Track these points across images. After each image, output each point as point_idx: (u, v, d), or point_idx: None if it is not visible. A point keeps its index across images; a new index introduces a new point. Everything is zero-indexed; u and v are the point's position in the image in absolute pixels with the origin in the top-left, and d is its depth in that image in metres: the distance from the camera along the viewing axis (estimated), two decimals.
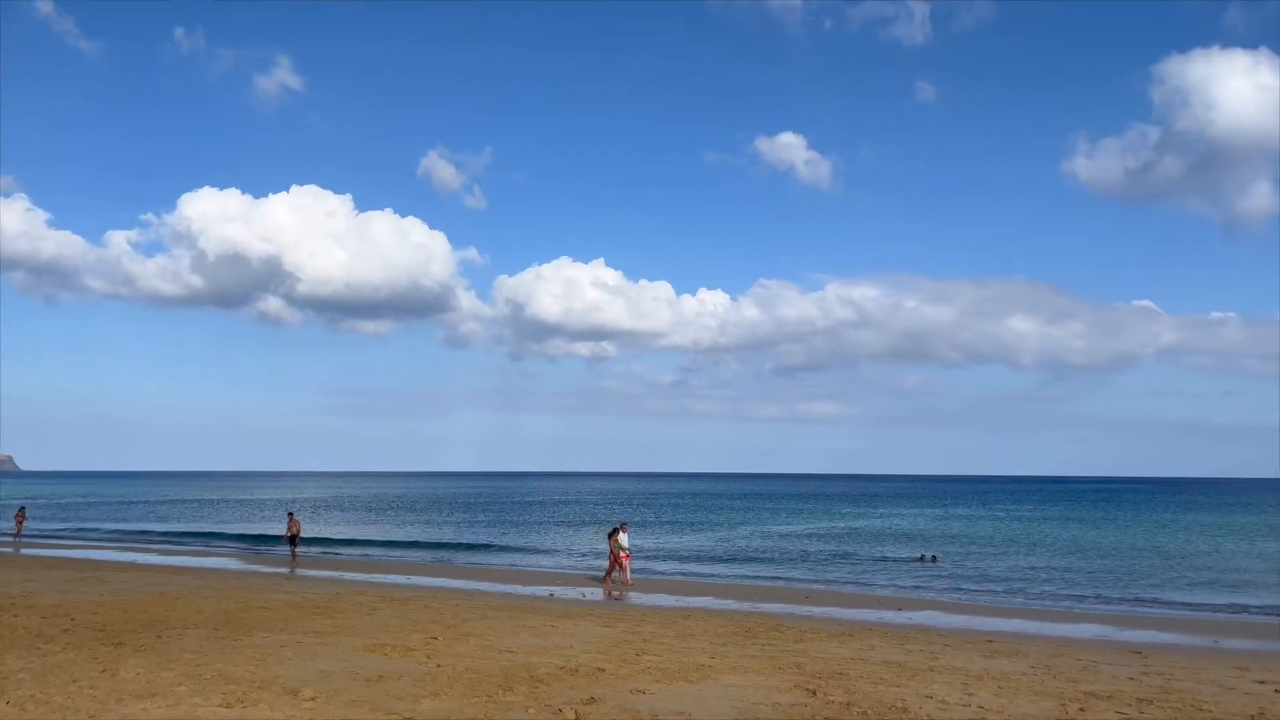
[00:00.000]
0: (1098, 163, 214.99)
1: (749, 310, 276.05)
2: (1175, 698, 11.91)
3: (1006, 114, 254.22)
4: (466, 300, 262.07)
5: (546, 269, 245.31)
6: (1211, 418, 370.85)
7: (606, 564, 29.17)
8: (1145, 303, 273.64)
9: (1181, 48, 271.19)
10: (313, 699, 10.61)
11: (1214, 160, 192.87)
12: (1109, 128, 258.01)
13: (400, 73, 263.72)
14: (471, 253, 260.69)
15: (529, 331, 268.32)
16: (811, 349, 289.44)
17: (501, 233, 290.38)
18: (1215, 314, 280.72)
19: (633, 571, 28.58)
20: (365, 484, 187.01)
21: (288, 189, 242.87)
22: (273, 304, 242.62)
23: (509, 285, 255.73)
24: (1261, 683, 13.25)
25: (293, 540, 35.83)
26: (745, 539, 50.81)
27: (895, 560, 38.59)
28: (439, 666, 12.73)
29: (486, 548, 45.13)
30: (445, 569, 34.06)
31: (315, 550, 41.81)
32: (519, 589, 26.26)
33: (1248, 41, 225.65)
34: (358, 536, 51.47)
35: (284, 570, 31.23)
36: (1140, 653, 16.30)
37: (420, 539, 50.56)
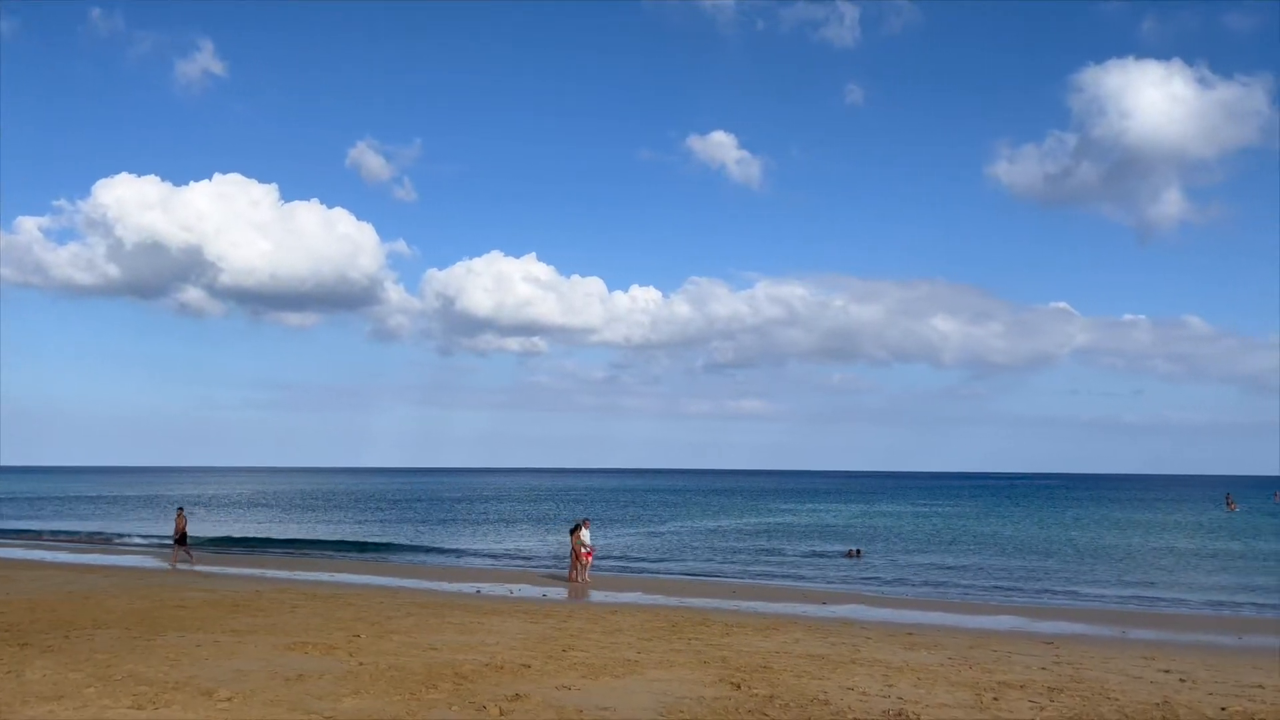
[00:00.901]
0: (1018, 168, 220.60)
1: (680, 307, 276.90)
2: (1084, 686, 12.32)
3: (932, 118, 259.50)
4: (395, 293, 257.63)
5: (477, 263, 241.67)
6: (1122, 416, 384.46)
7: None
8: (1062, 304, 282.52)
9: (1098, 58, 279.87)
10: (229, 699, 10.36)
11: (1128, 168, 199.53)
12: (1029, 134, 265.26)
13: (329, 61, 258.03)
14: (401, 245, 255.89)
15: (459, 326, 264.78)
16: (741, 346, 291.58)
17: (431, 225, 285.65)
18: (1127, 316, 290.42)
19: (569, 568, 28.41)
20: (291, 479, 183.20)
21: (210, 177, 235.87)
22: (194, 295, 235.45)
23: (439, 279, 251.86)
24: (1166, 671, 13.79)
25: (180, 539, 33.22)
26: (674, 535, 51.08)
27: (822, 555, 39.18)
28: (361, 664, 12.55)
29: (413, 546, 44.55)
30: (370, 565, 33.56)
31: (236, 550, 40.79)
32: (445, 586, 26.00)
33: (1161, 53, 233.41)
34: (280, 536, 50.33)
35: (200, 568, 30.41)
36: (1052, 643, 16.82)
37: (347, 538, 49.68)
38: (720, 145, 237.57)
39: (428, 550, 41.56)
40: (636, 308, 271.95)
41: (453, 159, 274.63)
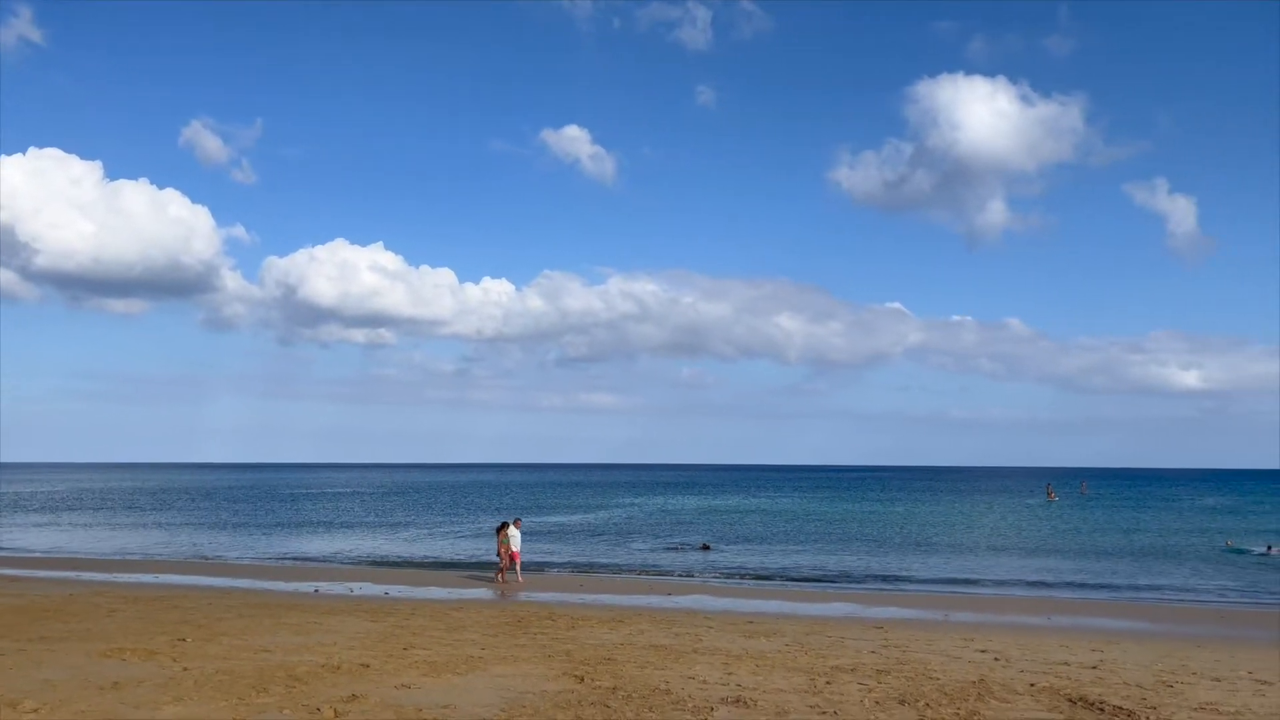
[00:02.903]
0: (859, 173, 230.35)
1: (533, 300, 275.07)
2: (909, 668, 12.98)
3: (779, 122, 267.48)
4: (232, 280, 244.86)
5: (321, 251, 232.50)
6: (949, 411, 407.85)
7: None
8: (896, 305, 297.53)
9: (932, 72, 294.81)
10: (34, 711, 9.62)
11: (958, 177, 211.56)
12: (869, 141, 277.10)
13: (161, 33, 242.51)
14: (239, 230, 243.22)
15: (300, 316, 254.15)
16: (594, 340, 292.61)
17: (272, 211, 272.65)
18: (955, 317, 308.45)
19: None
20: (113, 476, 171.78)
21: (24, 151, 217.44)
22: (4, 277, 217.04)
23: (279, 266, 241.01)
24: (983, 651, 14.70)
25: None
26: (523, 529, 50.76)
27: (672, 548, 39.80)
28: (185, 670, 11.89)
29: (248, 543, 42.56)
30: (198, 565, 31.86)
31: (38, 552, 37.94)
32: (281, 585, 24.99)
33: (988, 70, 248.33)
34: (86, 541, 47.11)
35: (10, 572, 28.10)
36: (882, 628, 17.66)
37: (174, 539, 47.00)
38: (574, 140, 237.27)
39: (266, 543, 39.83)
40: (488, 300, 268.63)
41: (296, 142, 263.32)
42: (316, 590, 23.80)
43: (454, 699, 10.51)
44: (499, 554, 26.59)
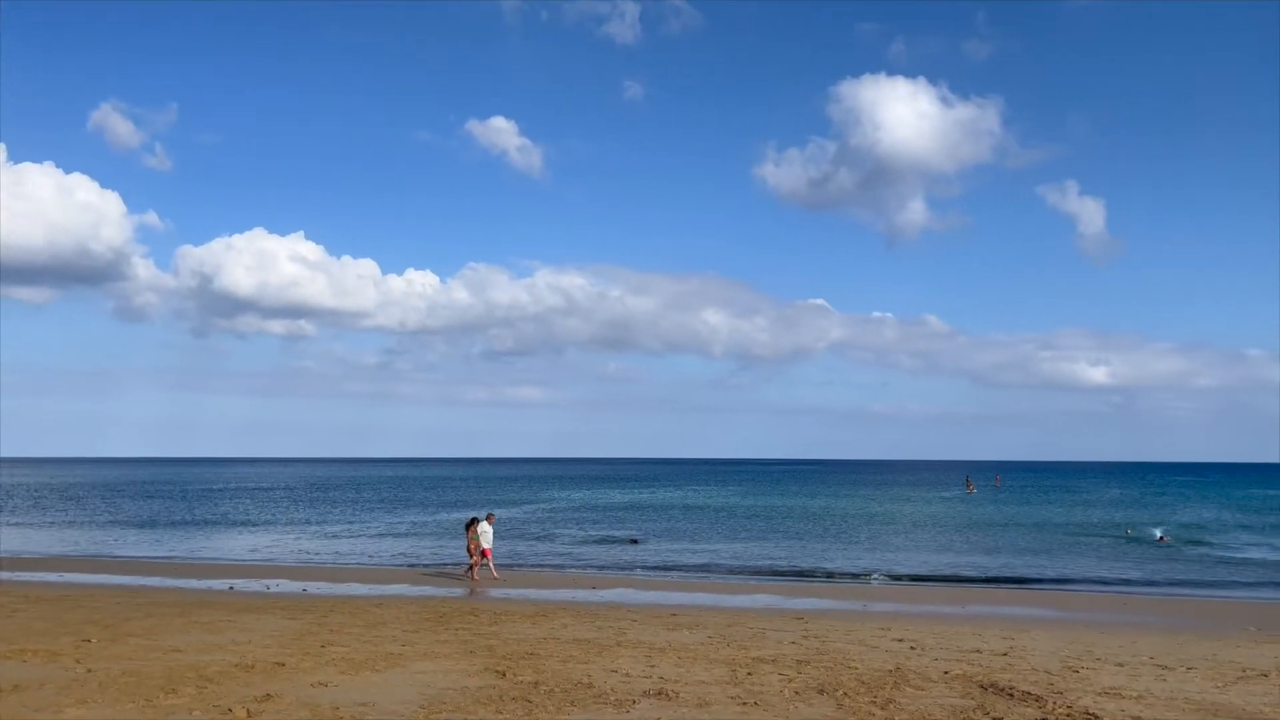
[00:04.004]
0: (783, 171, 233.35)
1: (458, 293, 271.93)
2: (828, 658, 13.20)
3: (705, 118, 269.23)
4: (144, 269, 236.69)
5: (238, 240, 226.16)
6: (870, 406, 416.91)
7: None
8: (820, 301, 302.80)
9: (855, 72, 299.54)
10: None
11: (880, 176, 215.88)
12: (793, 139, 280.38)
13: (70, 11, 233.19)
14: (151, 218, 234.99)
15: (217, 306, 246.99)
16: (520, 334, 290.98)
17: (188, 198, 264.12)
18: (876, 314, 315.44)
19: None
20: (18, 472, 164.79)
21: None
22: None
23: (194, 255, 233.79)
24: (899, 640, 15.03)
25: None
26: (446, 524, 50.25)
27: (598, 541, 39.81)
28: (90, 671, 11.46)
29: (160, 540, 41.26)
30: (105, 563, 30.73)
31: None
32: (193, 583, 24.29)
33: (909, 72, 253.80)
34: None
35: None
36: (802, 618, 17.93)
37: (82, 536, 45.29)
38: (501, 131, 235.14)
39: (179, 540, 38.63)
40: (412, 292, 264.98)
41: (213, 128, 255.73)
42: (231, 588, 23.19)
43: (372, 697, 10.33)
44: (469, 550, 25.84)
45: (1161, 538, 40.69)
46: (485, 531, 25.64)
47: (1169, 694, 11.06)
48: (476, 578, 25.23)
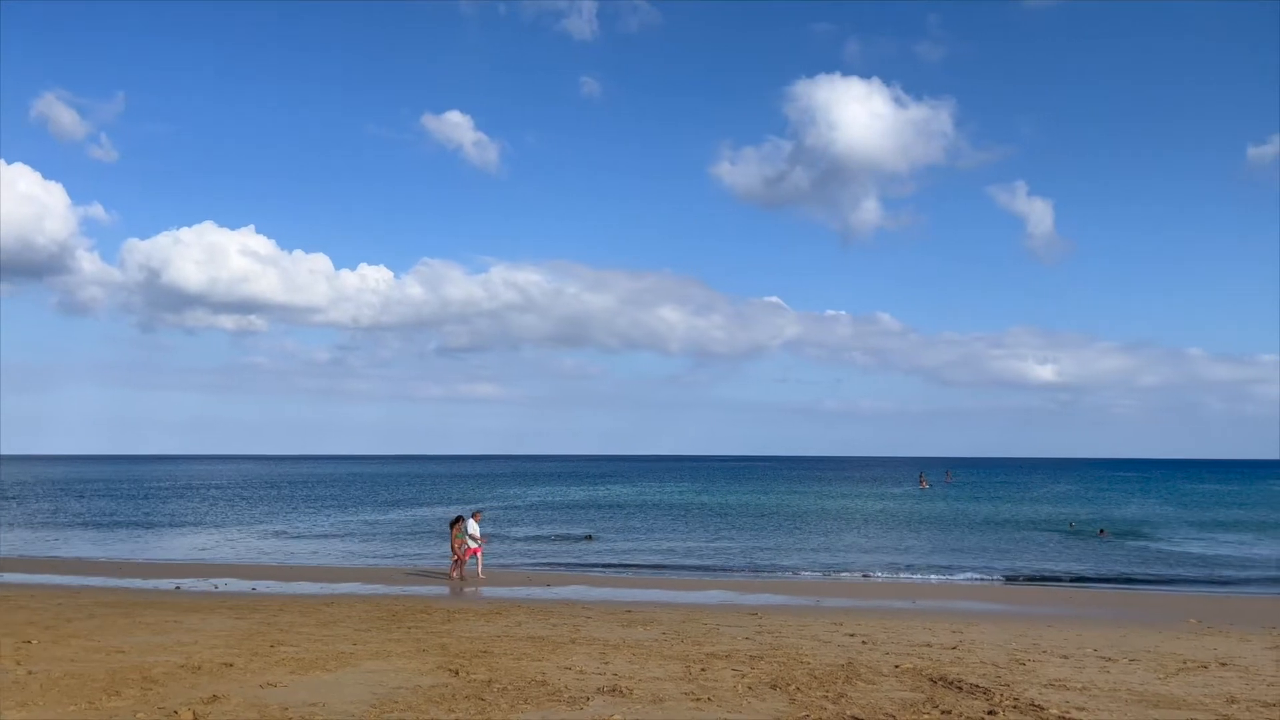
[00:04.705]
0: (739, 169, 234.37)
1: (413, 289, 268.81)
2: (781, 653, 13.29)
3: (663, 116, 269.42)
4: (89, 262, 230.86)
5: (187, 233, 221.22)
6: (824, 402, 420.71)
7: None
8: (775, 299, 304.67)
9: (810, 72, 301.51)
10: None
11: (835, 176, 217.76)
12: (750, 138, 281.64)
13: None
14: (97, 210, 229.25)
15: (164, 301, 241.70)
16: (476, 330, 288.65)
17: (135, 190, 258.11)
18: (830, 311, 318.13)
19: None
20: None
21: None
22: None
23: (141, 249, 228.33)
24: (852, 635, 15.19)
25: None
26: (400, 521, 49.82)
27: (553, 539, 39.70)
28: (30, 673, 11.18)
29: (104, 539, 40.36)
30: (47, 563, 29.99)
31: None
32: (138, 582, 23.81)
33: (863, 73, 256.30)
34: None
35: None
36: (756, 614, 18.04)
37: (23, 536, 44.14)
38: (456, 125, 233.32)
39: (125, 539, 37.82)
40: (366, 287, 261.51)
41: (161, 118, 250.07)
42: (178, 587, 22.77)
43: (322, 696, 10.20)
44: (453, 549, 25.26)
45: (1101, 531, 42.03)
46: (472, 529, 25.31)
47: (1112, 685, 11.30)
48: (459, 576, 24.85)
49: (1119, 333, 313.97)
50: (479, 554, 25.41)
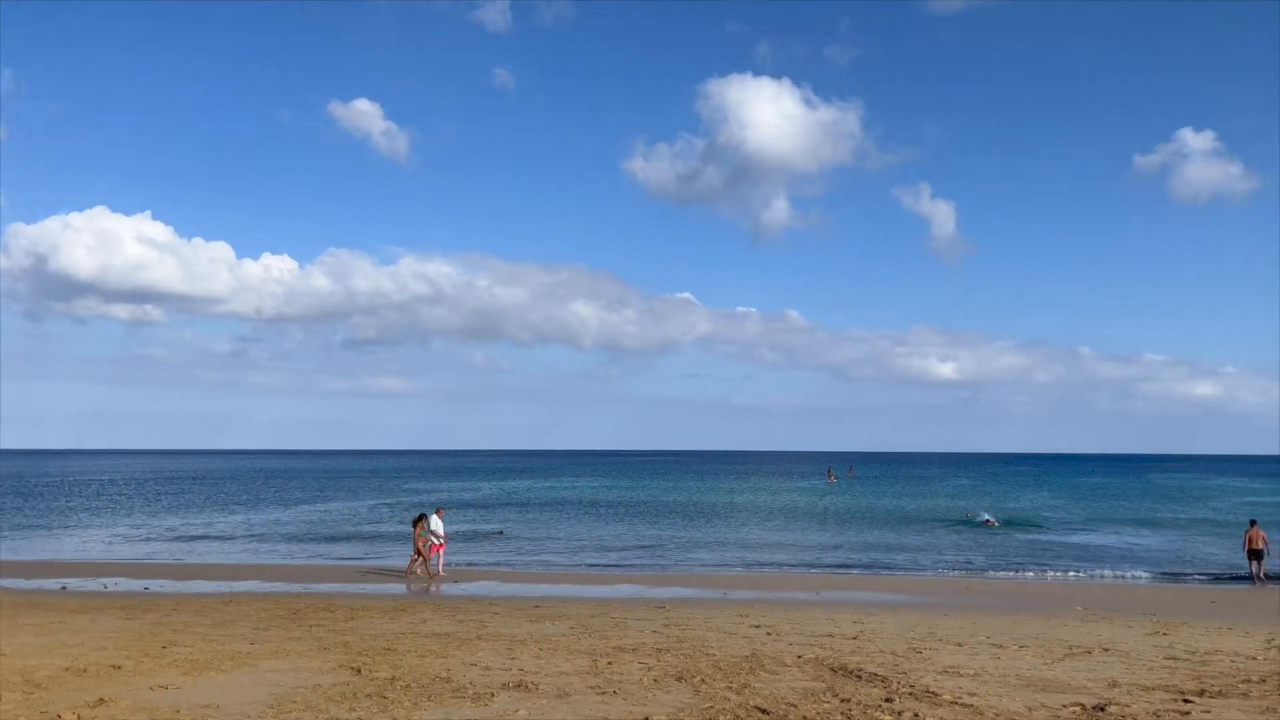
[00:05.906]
0: (653, 165, 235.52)
1: (318, 279, 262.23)
2: (688, 645, 13.43)
3: (577, 110, 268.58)
4: None
5: (77, 218, 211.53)
6: (733, 398, 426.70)
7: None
8: (687, 295, 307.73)
9: (723, 71, 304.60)
10: None
11: (746, 174, 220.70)
12: (663, 135, 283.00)
13: None
14: None
15: (53, 289, 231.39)
16: (383, 322, 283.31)
17: (20, 172, 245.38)
18: (740, 308, 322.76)
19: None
20: None
21: None
22: None
23: (27, 234, 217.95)
24: (757, 626, 15.43)
25: None
26: (302, 517, 48.64)
27: (462, 536, 39.25)
28: None
29: None
30: None
31: None
32: (20, 582, 22.72)
33: (775, 73, 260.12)
34: None
35: None
36: (664, 607, 18.19)
37: None
38: (365, 114, 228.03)
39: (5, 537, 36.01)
40: (269, 277, 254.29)
41: (51, 96, 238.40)
42: (63, 587, 21.81)
43: (217, 698, 9.90)
44: (416, 547, 24.59)
45: (988, 521, 43.89)
46: (435, 526, 24.83)
47: (1002, 671, 11.74)
48: (419, 573, 24.38)
49: (1015, 331, 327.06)
50: (441, 551, 25.02)
